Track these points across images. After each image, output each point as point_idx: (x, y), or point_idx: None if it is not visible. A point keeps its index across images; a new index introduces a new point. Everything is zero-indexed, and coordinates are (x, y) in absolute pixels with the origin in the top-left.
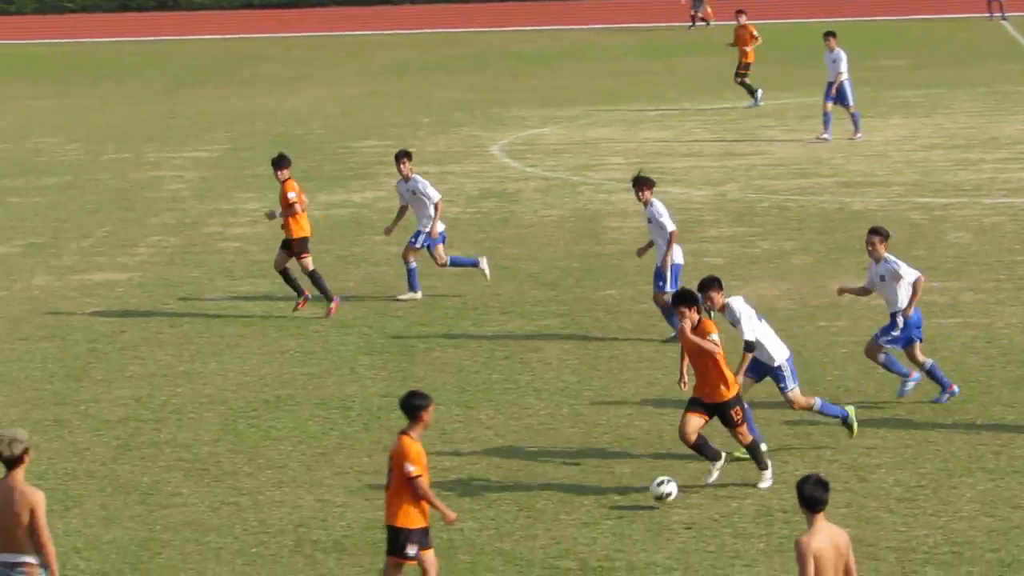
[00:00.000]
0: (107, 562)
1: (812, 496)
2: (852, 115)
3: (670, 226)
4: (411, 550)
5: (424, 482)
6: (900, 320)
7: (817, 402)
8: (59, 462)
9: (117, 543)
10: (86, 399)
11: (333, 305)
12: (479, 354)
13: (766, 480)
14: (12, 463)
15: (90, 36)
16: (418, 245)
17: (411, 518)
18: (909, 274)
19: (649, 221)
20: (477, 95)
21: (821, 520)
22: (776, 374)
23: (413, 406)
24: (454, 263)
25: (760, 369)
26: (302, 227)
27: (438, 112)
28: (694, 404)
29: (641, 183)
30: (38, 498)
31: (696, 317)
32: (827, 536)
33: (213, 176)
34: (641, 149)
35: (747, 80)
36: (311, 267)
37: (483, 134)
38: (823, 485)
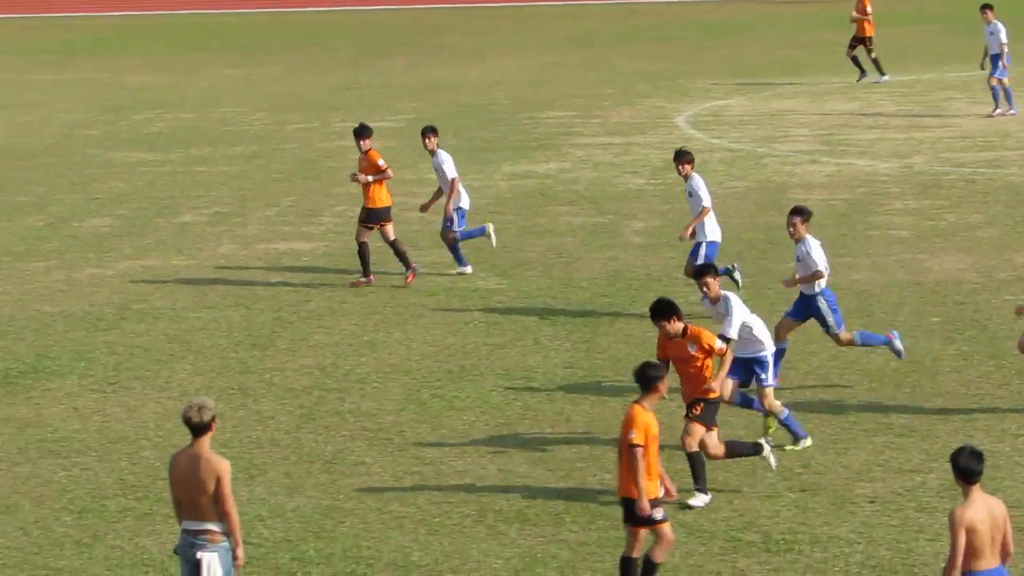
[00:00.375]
0: (290, 530)
1: (967, 467)
2: (992, 88)
3: (705, 200)
4: (658, 513)
5: (640, 454)
6: None
7: (784, 412)
8: (244, 430)
9: (300, 511)
10: (271, 368)
11: (411, 275)
12: None
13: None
14: (200, 430)
15: (276, 6)
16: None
17: (651, 487)
18: None
19: (689, 195)
20: (662, 66)
21: (977, 491)
22: (761, 364)
23: (648, 377)
24: (463, 235)
25: (747, 370)
26: (383, 197)
27: (622, 83)
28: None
29: (680, 156)
30: (224, 467)
31: (680, 326)
32: (983, 507)
33: (398, 146)
34: (826, 121)
35: (873, 55)
36: (392, 236)
37: (668, 105)
38: (978, 456)
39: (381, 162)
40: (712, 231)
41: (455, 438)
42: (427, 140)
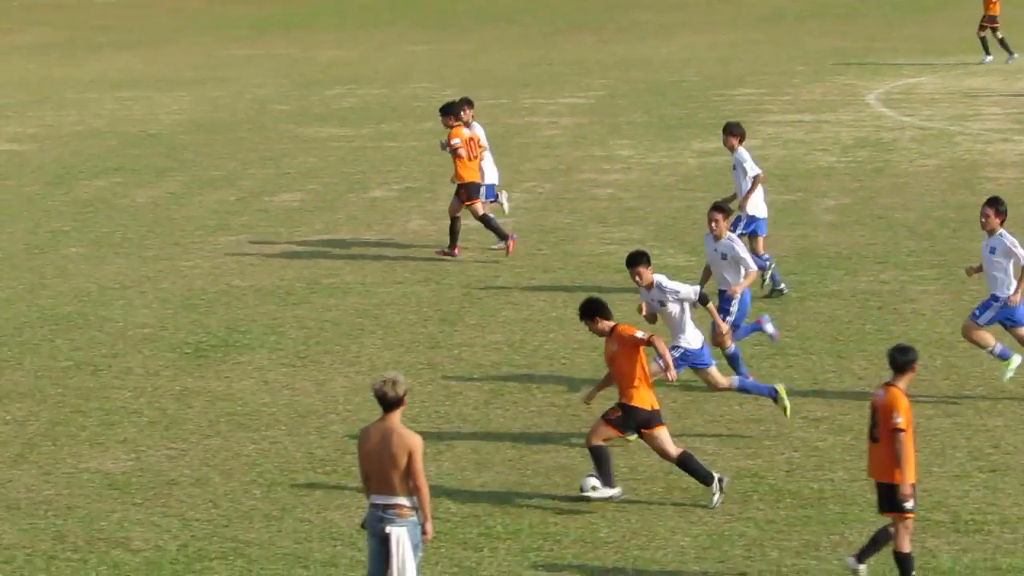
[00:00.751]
0: (478, 505)
1: None
2: None
3: (752, 171)
4: (909, 504)
5: (904, 438)
6: None
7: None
8: (432, 405)
9: (488, 487)
10: (459, 343)
11: (511, 243)
12: (852, 304)
13: (596, 490)
14: (392, 405)
15: None
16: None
17: (911, 472)
18: None
19: (733, 168)
20: (852, 44)
21: None
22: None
23: (904, 361)
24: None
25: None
26: (472, 173)
27: (813, 60)
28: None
29: (728, 129)
30: (416, 441)
31: (606, 325)
32: None
33: (588, 123)
34: (1019, 100)
35: (998, 34)
36: (481, 212)
37: (859, 83)
38: None
39: (456, 141)
40: (761, 208)
41: None
42: (463, 113)
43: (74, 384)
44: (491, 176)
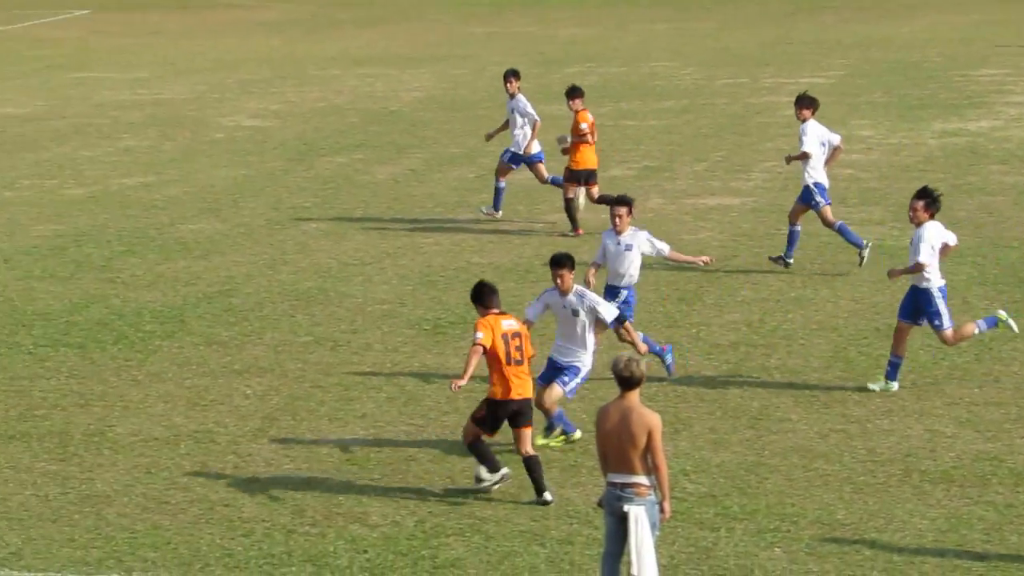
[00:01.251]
0: (715, 485)
1: None
2: None
3: (805, 146)
4: None
5: None
6: None
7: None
8: (669, 384)
9: (725, 467)
10: (697, 322)
11: (578, 232)
12: None
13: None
14: (632, 384)
15: None
16: (508, 163)
17: None
18: None
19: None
20: None
21: None
22: (569, 371)
23: None
24: (554, 182)
25: (555, 372)
26: (589, 158)
27: None
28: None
29: (800, 101)
30: (656, 420)
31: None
32: None
33: (828, 102)
34: None
35: None
36: (596, 197)
37: None
38: None
39: (584, 125)
40: (822, 174)
41: (881, 396)
42: (508, 84)
43: (313, 359)
44: (535, 145)
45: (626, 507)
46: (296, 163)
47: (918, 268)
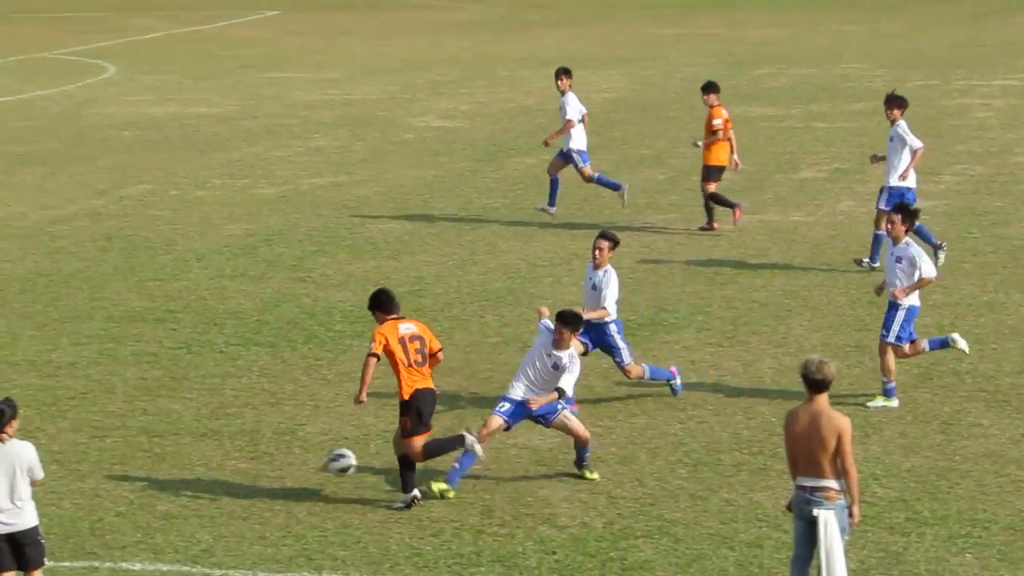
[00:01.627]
0: (905, 490)
1: None
2: None
3: (914, 144)
4: None
5: None
6: None
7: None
8: (859, 388)
9: (915, 471)
10: None
11: (738, 212)
12: None
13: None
14: (821, 387)
15: None
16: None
17: None
18: None
19: (890, 140)
20: None
21: None
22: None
23: None
24: (599, 181)
25: (521, 412)
26: (719, 155)
27: None
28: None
29: (890, 101)
30: (846, 424)
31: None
32: None
33: (1021, 104)
34: None
35: None
36: (711, 190)
37: None
38: None
39: (717, 121)
40: (912, 178)
41: None
42: (559, 82)
43: (503, 360)
44: (581, 142)
45: (816, 511)
46: (485, 163)
47: (926, 282)
